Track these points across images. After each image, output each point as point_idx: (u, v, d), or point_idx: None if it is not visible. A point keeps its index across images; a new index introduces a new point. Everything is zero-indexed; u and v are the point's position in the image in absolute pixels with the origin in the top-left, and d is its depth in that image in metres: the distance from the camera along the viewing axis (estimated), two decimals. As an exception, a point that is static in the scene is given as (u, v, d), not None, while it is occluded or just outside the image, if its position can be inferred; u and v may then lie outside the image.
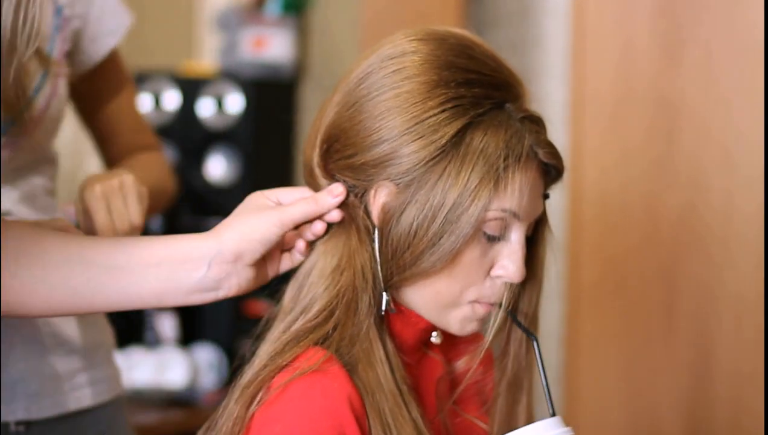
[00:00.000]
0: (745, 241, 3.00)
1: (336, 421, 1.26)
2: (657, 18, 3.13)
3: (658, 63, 3.12)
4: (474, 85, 1.32)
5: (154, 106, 3.37)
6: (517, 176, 1.31)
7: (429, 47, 1.34)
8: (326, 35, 3.42)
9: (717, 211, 3.04)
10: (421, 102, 1.31)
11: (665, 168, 3.11)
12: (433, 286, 1.34)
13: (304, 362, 1.29)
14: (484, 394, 1.46)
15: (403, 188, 1.31)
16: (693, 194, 3.08)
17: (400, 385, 1.32)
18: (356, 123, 1.33)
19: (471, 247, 1.32)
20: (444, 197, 1.30)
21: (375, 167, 1.32)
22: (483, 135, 1.30)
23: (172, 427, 2.96)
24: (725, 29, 3.03)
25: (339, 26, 3.38)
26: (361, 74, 1.35)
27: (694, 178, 3.08)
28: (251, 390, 1.29)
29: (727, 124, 3.03)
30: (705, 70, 3.06)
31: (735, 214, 3.02)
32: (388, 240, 1.32)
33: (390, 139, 1.31)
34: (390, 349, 1.33)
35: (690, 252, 3.08)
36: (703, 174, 3.07)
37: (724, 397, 3.04)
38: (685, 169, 3.09)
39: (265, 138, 3.34)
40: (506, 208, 1.31)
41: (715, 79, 3.05)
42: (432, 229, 1.30)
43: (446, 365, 1.44)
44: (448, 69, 1.32)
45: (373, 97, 1.33)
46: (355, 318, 1.32)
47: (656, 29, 3.13)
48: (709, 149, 3.06)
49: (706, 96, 3.07)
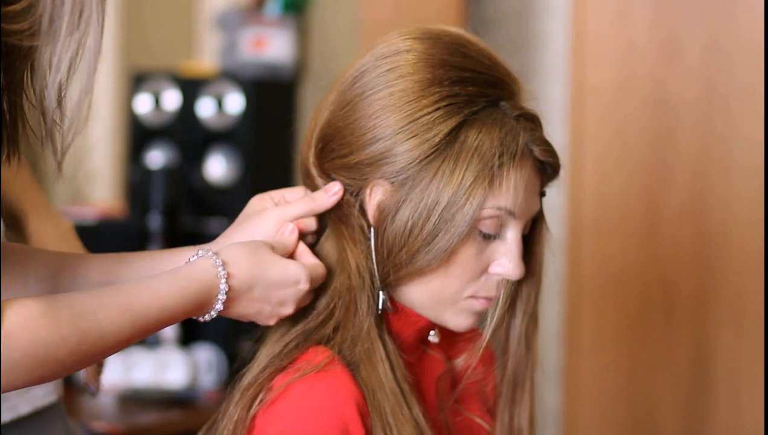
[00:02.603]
0: (746, 241, 3.00)
1: (339, 420, 1.26)
2: (657, 18, 3.13)
3: (658, 63, 3.12)
4: (468, 83, 1.32)
5: (154, 106, 3.37)
6: (512, 174, 1.31)
7: (423, 46, 1.34)
8: (326, 35, 3.42)
9: (717, 211, 3.04)
10: (415, 100, 1.31)
11: (665, 168, 3.11)
12: (430, 283, 1.34)
13: (306, 363, 1.29)
14: (485, 393, 1.47)
15: (398, 187, 1.31)
16: (693, 194, 3.08)
17: (401, 384, 1.32)
18: (351, 122, 1.33)
19: (467, 245, 1.32)
20: (439, 195, 1.30)
21: (370, 166, 1.32)
22: (477, 133, 1.30)
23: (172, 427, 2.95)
24: (725, 29, 3.03)
25: (339, 26, 3.38)
26: (355, 73, 1.35)
27: (694, 178, 3.08)
28: (251, 392, 1.29)
29: (727, 124, 3.03)
30: (705, 70, 3.06)
31: (735, 213, 3.02)
32: (383, 239, 1.32)
33: (384, 138, 1.31)
34: (390, 348, 1.33)
35: (690, 252, 3.08)
36: (703, 174, 3.07)
37: (724, 397, 3.04)
38: (685, 169, 3.09)
39: (265, 138, 3.34)
40: (501, 206, 1.31)
41: (715, 79, 3.05)
42: (427, 228, 1.30)
43: (446, 363, 1.44)
44: (442, 67, 1.32)
45: (367, 96, 1.33)
46: (355, 318, 1.32)
47: (656, 29, 3.13)
48: (709, 149, 3.06)
49: (706, 96, 3.07)
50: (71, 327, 1.14)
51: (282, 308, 1.30)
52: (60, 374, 1.17)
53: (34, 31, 1.16)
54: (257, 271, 1.28)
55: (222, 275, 1.25)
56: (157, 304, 1.21)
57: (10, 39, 1.14)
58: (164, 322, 1.22)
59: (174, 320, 1.24)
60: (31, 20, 1.15)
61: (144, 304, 1.21)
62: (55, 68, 1.18)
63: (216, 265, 1.26)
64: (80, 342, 1.15)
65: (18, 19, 1.15)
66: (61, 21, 1.17)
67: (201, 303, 1.25)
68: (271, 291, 1.29)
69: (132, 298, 1.21)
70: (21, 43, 1.15)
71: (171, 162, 3.28)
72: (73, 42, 1.17)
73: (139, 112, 3.38)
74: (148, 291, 1.22)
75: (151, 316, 1.21)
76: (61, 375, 1.18)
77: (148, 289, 1.22)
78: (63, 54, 1.17)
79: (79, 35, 1.18)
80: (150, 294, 1.22)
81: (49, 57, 1.17)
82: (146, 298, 1.21)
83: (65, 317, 1.14)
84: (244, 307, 1.29)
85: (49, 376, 1.16)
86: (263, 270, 1.28)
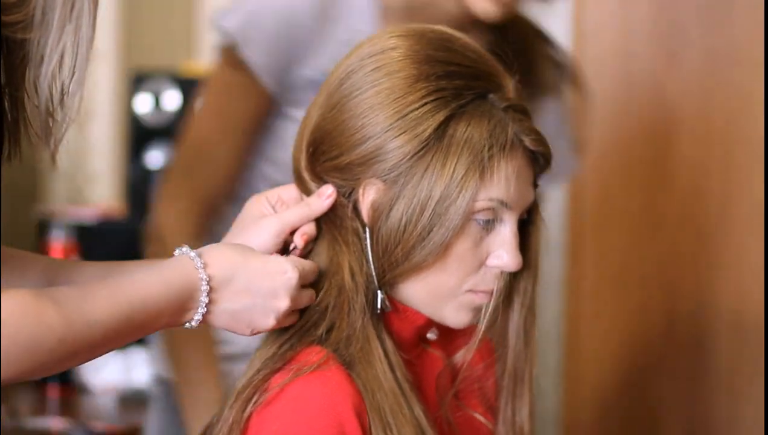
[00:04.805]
0: (746, 241, 3.00)
1: (335, 420, 1.25)
2: (657, 18, 3.13)
3: (658, 63, 3.12)
4: (454, 77, 1.32)
5: (154, 106, 3.37)
6: (503, 165, 1.31)
7: (408, 42, 1.34)
8: (326, 35, 3.42)
9: (717, 211, 3.05)
10: (402, 97, 1.31)
11: (665, 168, 3.11)
12: (427, 280, 1.33)
13: (301, 364, 1.29)
14: (486, 389, 1.46)
15: (390, 184, 1.31)
16: (693, 194, 3.08)
17: (401, 383, 1.32)
18: (339, 123, 1.33)
19: (462, 239, 1.32)
20: (431, 190, 1.30)
21: (361, 166, 1.32)
22: (466, 126, 1.31)
23: (172, 427, 2.95)
24: (725, 29, 3.03)
25: (339, 26, 3.38)
26: (342, 74, 1.35)
27: (694, 178, 3.08)
28: (246, 394, 1.29)
29: (727, 124, 3.03)
30: (705, 70, 3.06)
31: (735, 213, 3.02)
32: (379, 237, 1.32)
33: (374, 137, 1.31)
34: (389, 347, 1.33)
35: (690, 252, 3.08)
36: (703, 174, 3.07)
37: (724, 397, 3.04)
38: (685, 169, 3.09)
39: (265, 138, 3.33)
40: (494, 198, 1.31)
41: (715, 80, 3.05)
42: (421, 223, 1.30)
43: (446, 360, 1.43)
44: (427, 63, 1.32)
45: (354, 96, 1.33)
46: (349, 318, 1.32)
47: (656, 29, 3.13)
48: (709, 149, 3.06)
49: (706, 96, 3.07)
50: (57, 315, 1.15)
51: (275, 301, 1.29)
52: (53, 367, 1.18)
53: (27, 23, 1.17)
54: (236, 261, 1.28)
55: (199, 266, 1.25)
56: (141, 294, 1.22)
57: (5, 31, 1.16)
58: (151, 314, 1.23)
59: (161, 316, 1.24)
60: (24, 12, 1.17)
61: (128, 295, 1.21)
62: (48, 60, 1.19)
63: (191, 257, 1.26)
64: (67, 331, 1.16)
65: (13, 11, 1.16)
66: (53, 13, 1.18)
67: (184, 296, 1.25)
68: (256, 281, 1.28)
69: (116, 288, 1.22)
70: (15, 36, 1.17)
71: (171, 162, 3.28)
72: (65, 34, 1.19)
73: (139, 112, 3.38)
74: (132, 283, 1.23)
75: (135, 306, 1.21)
76: (54, 368, 1.18)
77: (131, 281, 1.24)
78: (55, 45, 1.19)
79: (72, 27, 1.19)
80: (133, 285, 1.23)
81: (42, 49, 1.19)
82: (130, 288, 1.22)
83: (51, 307, 1.15)
84: (231, 301, 1.28)
85: (40, 368, 1.16)
86: (243, 259, 1.28)
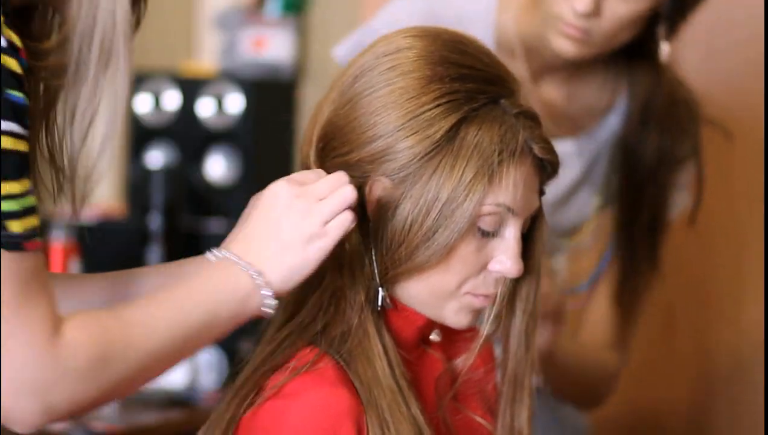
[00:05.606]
0: (745, 240, 3.00)
1: (328, 422, 1.26)
2: (657, 18, 3.12)
3: (657, 63, 3.12)
4: (468, 80, 1.32)
5: (154, 106, 3.37)
6: (511, 171, 1.31)
7: (423, 43, 1.34)
8: (326, 35, 3.42)
9: (717, 211, 3.04)
10: (415, 97, 1.31)
11: (665, 168, 3.11)
12: (429, 280, 1.34)
13: (297, 362, 1.29)
14: (486, 392, 1.46)
15: (398, 183, 1.32)
16: (693, 194, 3.07)
17: (399, 381, 1.32)
18: (351, 120, 1.34)
19: (466, 242, 1.32)
20: (438, 192, 1.30)
21: (371, 163, 1.32)
22: (477, 130, 1.31)
23: (172, 427, 2.95)
24: (725, 29, 3.03)
25: (339, 26, 3.38)
26: (356, 72, 1.35)
27: (693, 177, 3.07)
28: (244, 392, 1.30)
29: (727, 124, 3.03)
30: (705, 69, 3.06)
31: (735, 213, 3.02)
32: (383, 235, 1.33)
33: (385, 135, 1.31)
34: (388, 344, 1.33)
35: (690, 252, 3.08)
36: (703, 174, 3.06)
37: (724, 397, 3.04)
38: (685, 168, 3.09)
39: (265, 138, 3.34)
40: (500, 203, 1.32)
41: (715, 79, 3.05)
42: (426, 224, 1.31)
43: (446, 363, 1.43)
44: (441, 64, 1.33)
45: (368, 94, 1.33)
46: (344, 315, 1.32)
47: (656, 29, 3.12)
48: (709, 149, 3.06)
49: (706, 96, 3.06)
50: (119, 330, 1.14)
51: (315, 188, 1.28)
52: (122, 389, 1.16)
53: (62, 71, 1.15)
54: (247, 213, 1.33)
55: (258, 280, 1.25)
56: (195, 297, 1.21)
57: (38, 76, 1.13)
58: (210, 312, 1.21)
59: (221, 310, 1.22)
60: (59, 59, 1.14)
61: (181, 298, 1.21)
62: (81, 114, 1.16)
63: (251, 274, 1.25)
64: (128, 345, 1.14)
65: (48, 57, 1.14)
66: (88, 64, 1.15)
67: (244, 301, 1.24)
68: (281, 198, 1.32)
69: (170, 294, 1.21)
70: (47, 82, 1.14)
71: (171, 162, 3.28)
72: (98, 87, 1.16)
73: (139, 112, 3.38)
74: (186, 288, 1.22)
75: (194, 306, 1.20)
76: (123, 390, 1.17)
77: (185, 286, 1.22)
78: (88, 98, 1.16)
79: (105, 81, 1.16)
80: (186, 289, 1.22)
81: (73, 102, 1.16)
82: (184, 292, 1.21)
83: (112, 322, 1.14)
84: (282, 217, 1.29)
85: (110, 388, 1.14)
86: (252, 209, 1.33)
